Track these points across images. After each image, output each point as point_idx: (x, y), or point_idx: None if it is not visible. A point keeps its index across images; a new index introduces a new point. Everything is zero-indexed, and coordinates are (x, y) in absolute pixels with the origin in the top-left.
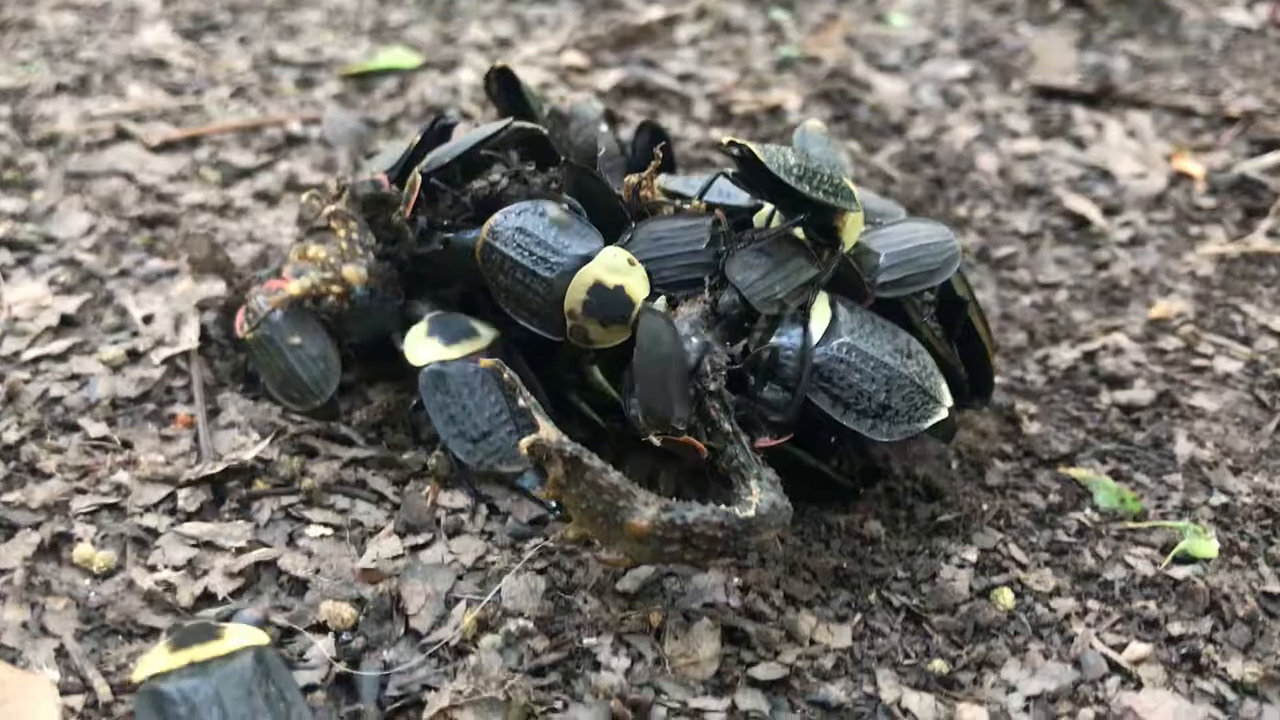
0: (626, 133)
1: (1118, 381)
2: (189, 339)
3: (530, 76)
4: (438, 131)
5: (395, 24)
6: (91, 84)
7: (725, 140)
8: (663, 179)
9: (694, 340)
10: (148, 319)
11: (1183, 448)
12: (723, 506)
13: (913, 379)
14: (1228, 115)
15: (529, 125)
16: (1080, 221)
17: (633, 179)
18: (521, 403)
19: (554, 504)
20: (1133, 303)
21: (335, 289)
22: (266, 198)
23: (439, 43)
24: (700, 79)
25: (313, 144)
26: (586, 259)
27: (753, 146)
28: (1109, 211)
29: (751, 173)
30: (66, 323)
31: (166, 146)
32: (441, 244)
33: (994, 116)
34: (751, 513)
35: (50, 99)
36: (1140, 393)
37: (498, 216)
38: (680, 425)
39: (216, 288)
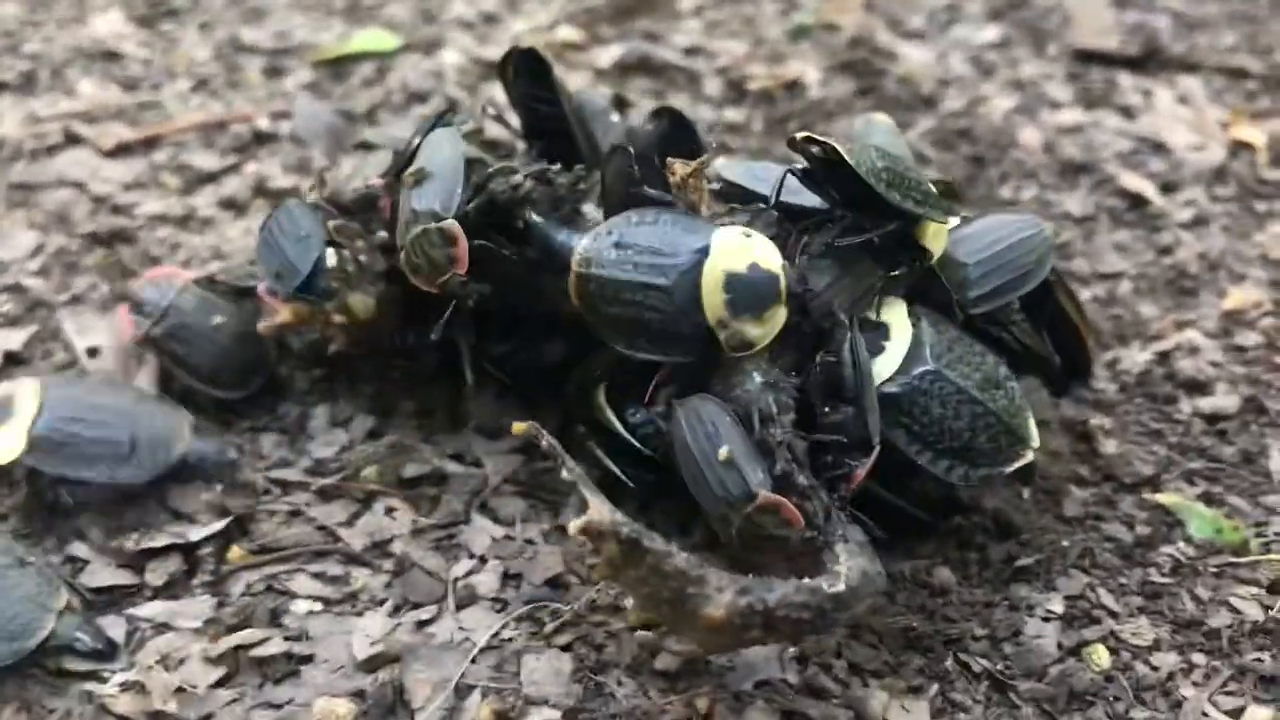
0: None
1: (1197, 386)
2: (145, 380)
3: None
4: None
5: (370, 2)
6: (38, 80)
7: (801, 136)
8: (720, 164)
9: (756, 379)
10: (93, 352)
11: (1278, 462)
12: (807, 581)
13: (1001, 416)
14: None
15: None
16: (1137, 201)
17: (681, 171)
18: (566, 475)
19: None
20: (1203, 292)
21: (337, 319)
22: (233, 205)
23: (419, 21)
24: (709, 52)
25: (283, 141)
26: (704, 250)
27: (838, 145)
28: (1167, 188)
29: (829, 174)
30: (11, 360)
31: (121, 150)
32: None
33: (1032, 85)
34: (842, 586)
35: None
36: (1224, 399)
37: (585, 241)
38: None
39: None
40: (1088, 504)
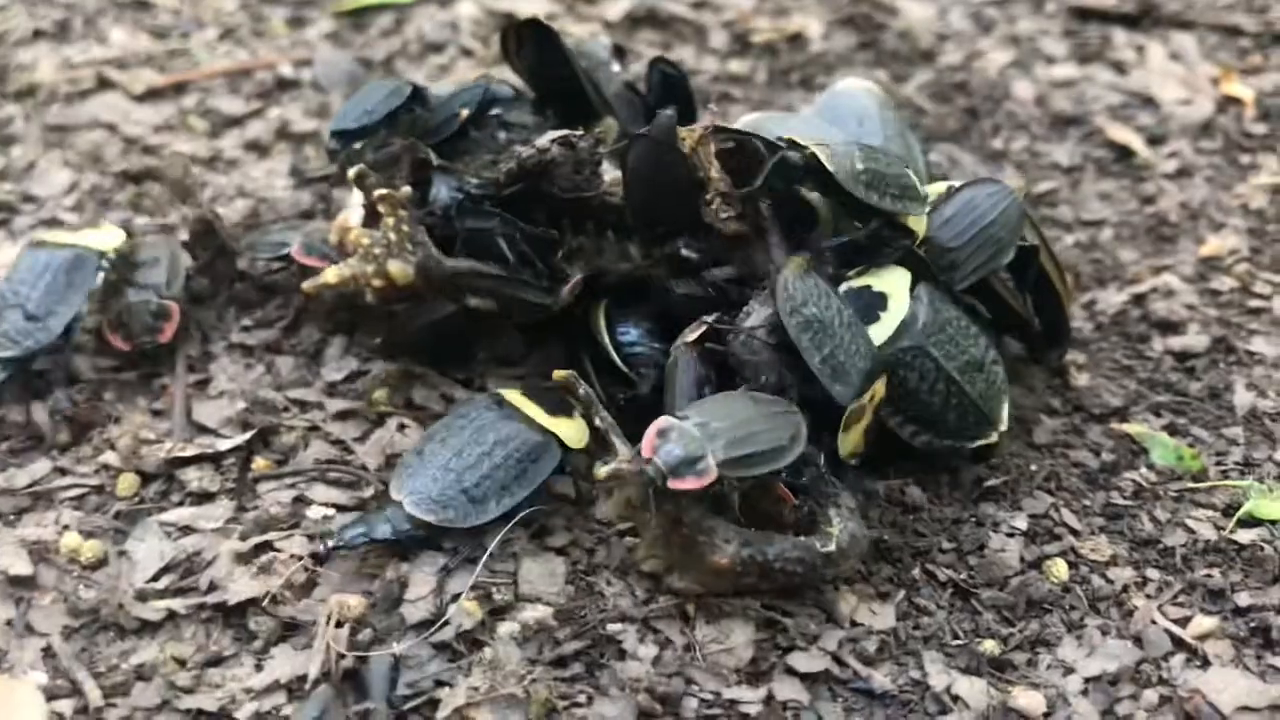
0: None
1: (1170, 327)
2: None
3: (533, 7)
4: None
5: None
6: (72, 28)
7: (785, 139)
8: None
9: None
10: None
11: (1242, 398)
12: (802, 539)
13: (974, 400)
14: (1278, 33)
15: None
16: (1124, 152)
17: (690, 139)
18: (598, 423)
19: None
20: (1182, 240)
21: (376, 284)
22: (257, 148)
23: None
24: (715, 6)
25: (304, 88)
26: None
27: (819, 152)
28: (1153, 141)
29: (812, 176)
30: None
31: (151, 95)
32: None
33: (1028, 40)
34: (833, 547)
35: (28, 46)
36: (1194, 338)
37: (785, 281)
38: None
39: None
40: (1057, 433)
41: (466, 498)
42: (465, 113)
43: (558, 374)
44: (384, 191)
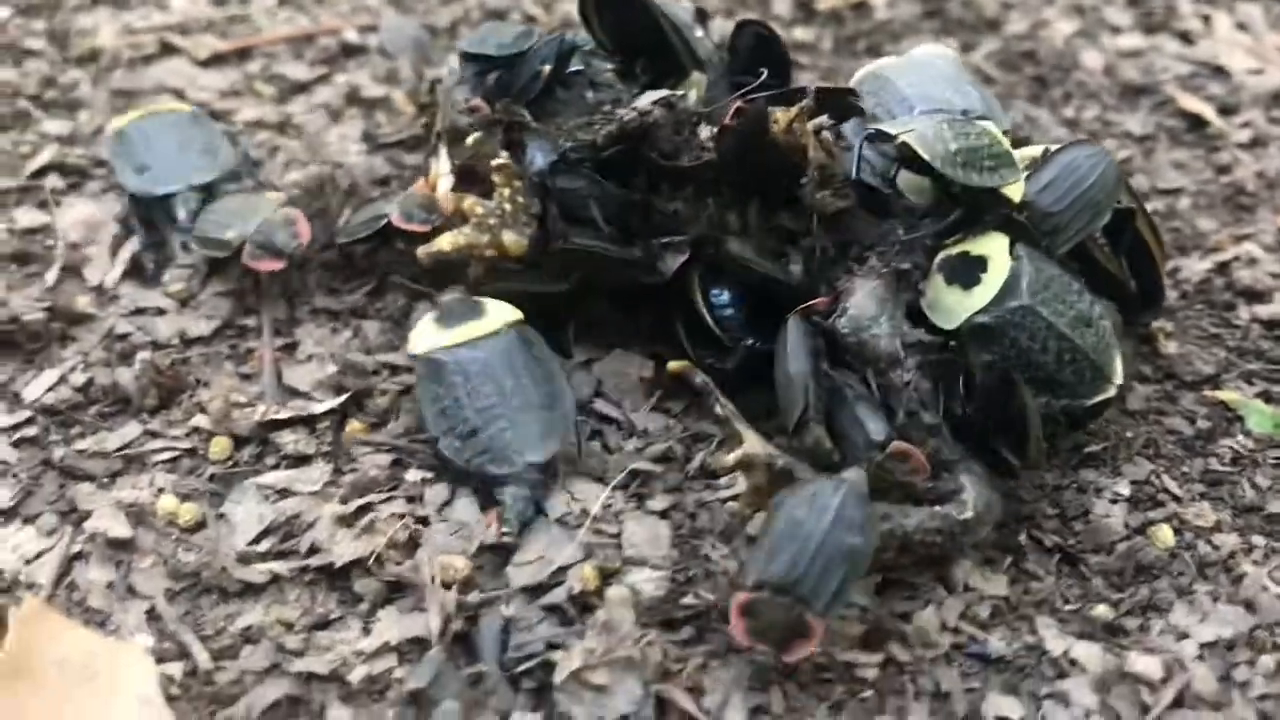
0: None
1: (1255, 295)
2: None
3: None
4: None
5: None
6: None
7: (875, 129)
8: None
9: (884, 323)
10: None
11: None
12: (938, 509)
13: (1088, 353)
14: None
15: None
16: (1196, 122)
17: (784, 119)
18: (719, 411)
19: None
20: (1260, 209)
21: (489, 254)
22: (328, 113)
23: None
24: None
25: (370, 54)
26: None
27: (911, 141)
28: (1225, 111)
29: (906, 163)
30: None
31: (215, 60)
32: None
33: (1092, 10)
34: (970, 513)
35: (88, 11)
36: None
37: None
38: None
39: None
40: (1150, 400)
41: None
42: (546, 69)
43: (673, 365)
44: (500, 161)
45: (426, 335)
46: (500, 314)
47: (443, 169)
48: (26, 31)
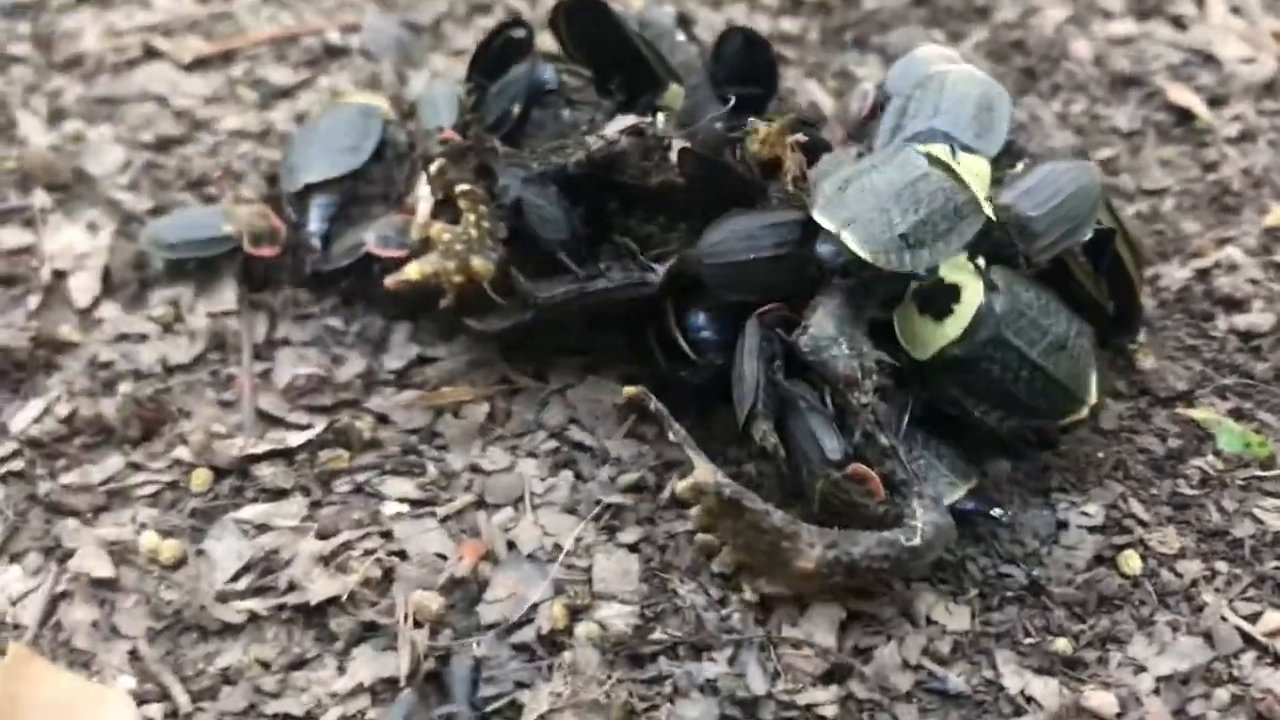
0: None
1: (1234, 304)
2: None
3: None
4: (498, 49)
5: None
6: None
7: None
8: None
9: (843, 344)
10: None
11: None
12: (887, 535)
13: (1060, 379)
14: None
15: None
16: (1184, 115)
17: (765, 131)
18: (672, 437)
19: None
20: (1245, 209)
21: (457, 280)
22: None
23: None
24: None
25: (353, 55)
26: None
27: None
28: (1214, 102)
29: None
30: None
31: (199, 64)
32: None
33: None
34: (918, 540)
35: (72, 12)
36: (1259, 316)
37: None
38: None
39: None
40: (1123, 417)
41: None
42: (517, 109)
43: (628, 390)
44: (465, 188)
45: None
46: None
47: (421, 193)
48: (12, 36)
